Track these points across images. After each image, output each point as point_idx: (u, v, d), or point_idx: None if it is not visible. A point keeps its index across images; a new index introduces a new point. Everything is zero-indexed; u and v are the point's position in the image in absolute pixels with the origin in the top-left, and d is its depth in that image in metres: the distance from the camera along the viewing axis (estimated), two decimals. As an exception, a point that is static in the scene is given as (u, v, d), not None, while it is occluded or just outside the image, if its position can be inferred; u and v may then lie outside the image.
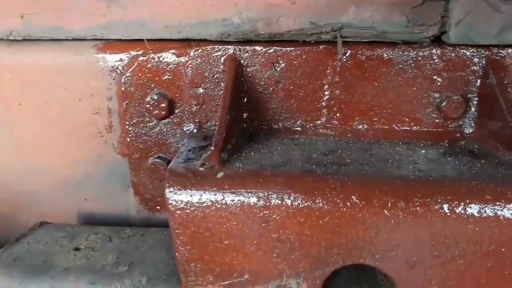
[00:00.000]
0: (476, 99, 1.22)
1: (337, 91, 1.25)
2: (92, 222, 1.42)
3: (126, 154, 1.34)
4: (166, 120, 1.30)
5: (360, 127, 1.27)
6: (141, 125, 1.30)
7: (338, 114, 1.27)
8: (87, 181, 1.39)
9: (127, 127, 1.31)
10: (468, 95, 1.22)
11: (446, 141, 1.23)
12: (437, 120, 1.24)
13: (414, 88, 1.23)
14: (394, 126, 1.26)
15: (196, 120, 1.30)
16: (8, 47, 1.31)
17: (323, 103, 1.26)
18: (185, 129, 1.30)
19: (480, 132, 1.21)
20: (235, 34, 1.21)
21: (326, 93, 1.26)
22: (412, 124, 1.25)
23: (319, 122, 1.28)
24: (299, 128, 1.29)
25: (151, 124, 1.30)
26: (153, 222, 1.39)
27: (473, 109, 1.22)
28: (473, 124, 1.23)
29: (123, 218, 1.41)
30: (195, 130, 1.30)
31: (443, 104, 1.22)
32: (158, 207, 1.38)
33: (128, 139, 1.32)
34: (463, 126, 1.24)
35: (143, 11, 1.21)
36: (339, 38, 1.19)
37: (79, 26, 1.26)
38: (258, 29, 1.20)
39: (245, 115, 1.26)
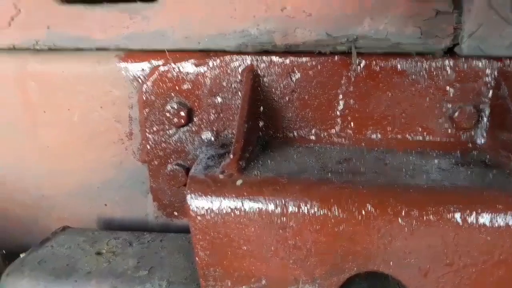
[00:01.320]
0: (488, 109, 1.23)
1: (351, 101, 1.27)
2: (112, 227, 1.46)
3: (146, 161, 1.38)
4: (185, 128, 1.34)
5: (374, 136, 1.29)
6: (161, 132, 1.34)
7: (352, 123, 1.29)
8: (107, 187, 1.43)
9: (147, 134, 1.35)
10: (480, 106, 1.24)
11: (458, 151, 1.25)
12: (449, 130, 1.26)
13: (427, 99, 1.25)
14: (407, 135, 1.28)
15: (214, 128, 1.33)
16: (33, 56, 1.36)
17: (337, 113, 1.29)
18: (203, 137, 1.34)
19: (492, 142, 1.23)
20: (252, 45, 1.25)
21: (340, 102, 1.28)
22: (425, 133, 1.27)
23: (333, 131, 1.30)
24: (313, 137, 1.31)
25: (170, 131, 1.34)
26: (170, 228, 1.43)
27: (485, 119, 1.24)
28: (485, 135, 1.24)
29: (142, 224, 1.45)
30: (212, 138, 1.34)
31: (456, 114, 1.24)
32: (176, 213, 1.41)
33: (148, 146, 1.36)
34: (475, 137, 1.25)
35: (165, 23, 1.26)
36: (354, 49, 1.22)
37: (102, 37, 1.30)
38: (275, 40, 1.24)
39: (261, 123, 1.29)
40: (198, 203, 0.98)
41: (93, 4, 1.28)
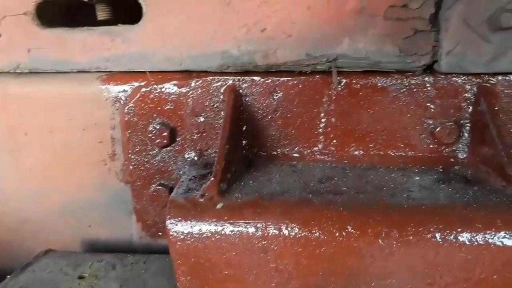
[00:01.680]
0: (469, 125, 1.25)
1: (333, 119, 1.28)
2: (96, 247, 1.45)
3: (129, 182, 1.38)
4: (168, 148, 1.34)
5: (356, 153, 1.30)
6: (144, 153, 1.34)
7: (334, 141, 1.30)
8: (91, 208, 1.42)
9: (130, 155, 1.35)
10: (461, 122, 1.25)
11: (440, 166, 1.26)
12: (431, 146, 1.27)
13: (408, 115, 1.26)
14: (389, 152, 1.29)
15: (197, 148, 1.33)
16: (15, 79, 1.36)
17: (320, 130, 1.30)
18: (186, 157, 1.34)
19: (473, 157, 1.24)
20: (234, 65, 1.26)
21: (322, 120, 1.29)
22: (407, 149, 1.28)
23: (316, 148, 1.31)
24: (297, 154, 1.32)
25: (153, 152, 1.34)
26: (155, 248, 1.42)
27: (466, 135, 1.25)
28: (466, 150, 1.26)
29: (126, 244, 1.44)
30: (196, 158, 1.34)
31: (437, 130, 1.25)
32: (160, 233, 1.41)
33: (131, 167, 1.36)
34: (456, 152, 1.26)
35: (145, 45, 1.26)
36: (334, 68, 1.23)
37: (83, 59, 1.30)
38: (256, 60, 1.25)
39: (244, 142, 1.30)
40: (178, 228, 0.98)
41: (74, 27, 1.28)
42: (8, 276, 1.28)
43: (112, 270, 1.25)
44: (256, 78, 1.27)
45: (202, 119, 1.31)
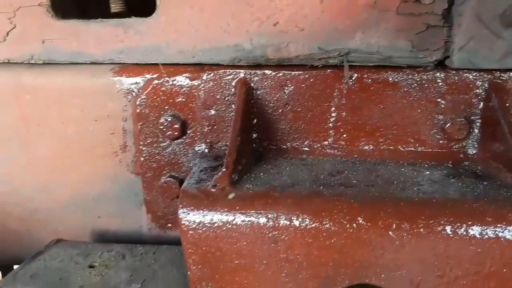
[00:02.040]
0: (479, 121, 1.25)
1: (344, 113, 1.29)
2: (106, 239, 1.46)
3: (140, 173, 1.39)
4: (179, 141, 1.35)
5: (366, 147, 1.30)
6: (155, 145, 1.35)
7: (345, 135, 1.30)
8: (101, 199, 1.43)
9: (141, 147, 1.36)
10: (472, 117, 1.25)
11: (450, 162, 1.26)
12: (441, 141, 1.27)
13: (419, 110, 1.26)
14: (399, 147, 1.29)
15: (208, 141, 1.34)
16: (28, 70, 1.37)
17: (330, 124, 1.30)
18: (196, 149, 1.35)
19: (484, 153, 1.24)
20: (246, 59, 1.26)
21: (333, 114, 1.29)
22: (417, 145, 1.28)
23: (326, 142, 1.31)
24: (307, 148, 1.32)
25: (164, 144, 1.35)
26: (164, 239, 1.43)
27: (476, 131, 1.25)
28: (476, 146, 1.26)
29: (136, 235, 1.45)
30: (206, 150, 1.35)
31: (447, 125, 1.25)
32: (170, 225, 1.42)
33: (142, 159, 1.37)
34: (466, 147, 1.27)
35: (158, 37, 1.27)
36: (346, 62, 1.24)
37: (97, 51, 1.32)
38: (268, 54, 1.25)
39: (254, 135, 1.30)
40: (190, 217, 0.99)
41: (88, 19, 1.29)
42: (18, 265, 1.30)
43: (122, 260, 1.26)
44: (267, 71, 1.28)
45: (213, 112, 1.32)
